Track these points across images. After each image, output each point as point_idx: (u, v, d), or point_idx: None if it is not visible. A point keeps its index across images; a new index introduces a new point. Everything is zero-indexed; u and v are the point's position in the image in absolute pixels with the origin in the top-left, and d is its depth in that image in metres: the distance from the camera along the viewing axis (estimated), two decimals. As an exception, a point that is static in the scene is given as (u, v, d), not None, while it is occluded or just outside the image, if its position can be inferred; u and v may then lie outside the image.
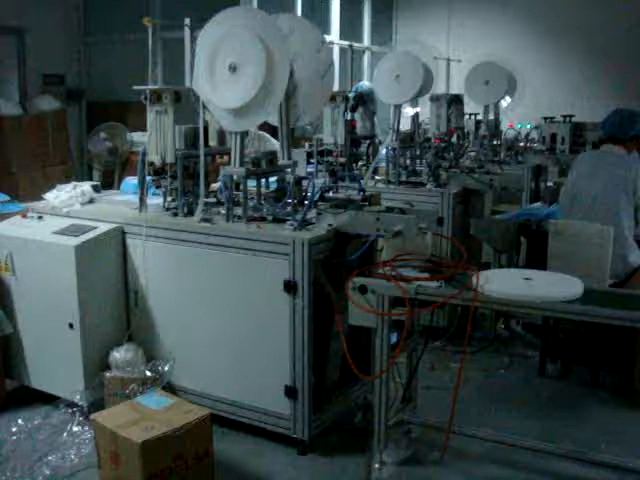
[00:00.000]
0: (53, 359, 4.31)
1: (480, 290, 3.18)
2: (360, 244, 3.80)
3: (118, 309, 4.30)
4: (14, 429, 4.11)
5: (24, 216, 4.57)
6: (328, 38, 7.98)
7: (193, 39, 4.00)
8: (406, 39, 11.12)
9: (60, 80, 9.42)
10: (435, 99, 6.27)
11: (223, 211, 4.01)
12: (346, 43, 7.07)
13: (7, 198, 6.87)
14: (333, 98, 5.02)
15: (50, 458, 3.84)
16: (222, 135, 4.46)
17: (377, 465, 3.53)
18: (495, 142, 7.53)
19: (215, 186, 4.33)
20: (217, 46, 3.85)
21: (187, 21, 4.09)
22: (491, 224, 5.34)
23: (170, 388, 4.04)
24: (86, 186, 4.68)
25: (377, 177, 5.93)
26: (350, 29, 10.62)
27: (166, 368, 4.08)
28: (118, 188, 5.57)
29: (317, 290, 3.70)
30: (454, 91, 6.81)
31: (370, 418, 3.56)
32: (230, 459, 3.82)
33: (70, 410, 4.18)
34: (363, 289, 3.33)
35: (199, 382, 4.10)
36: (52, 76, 9.32)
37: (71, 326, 4.14)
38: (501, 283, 3.28)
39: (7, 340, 4.45)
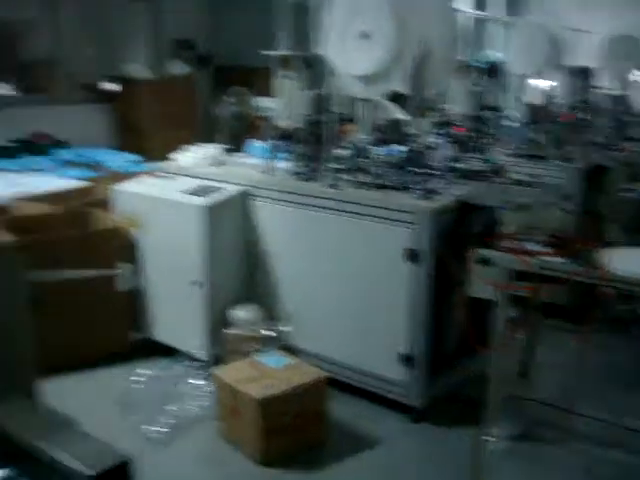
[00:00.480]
0: (177, 314, 4.47)
1: (607, 268, 3.10)
2: (484, 216, 3.75)
3: (241, 269, 4.42)
4: (139, 378, 4.29)
5: (155, 175, 4.73)
6: (458, 6, 7.83)
7: (324, 6, 4.02)
8: (538, 9, 10.79)
9: (190, 45, 9.64)
10: (567, 71, 6.09)
11: (349, 177, 4.04)
12: (476, 12, 6.95)
13: (138, 158, 7.18)
14: (461, 68, 4.95)
15: (171, 407, 4.00)
16: (349, 102, 4.48)
17: (489, 438, 3.51)
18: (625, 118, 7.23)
19: (342, 152, 4.36)
20: (349, 13, 3.86)
21: (320, -13, 4.12)
22: (620, 202, 5.16)
23: (288, 349, 4.13)
24: (215, 148, 4.81)
25: (503, 150, 5.82)
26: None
27: (285, 329, 4.18)
28: (243, 152, 5.68)
29: (438, 260, 3.69)
30: (584, 64, 6.59)
31: (484, 391, 3.54)
32: (344, 421, 3.88)
33: (192, 364, 4.34)
34: (485, 261, 3.30)
35: (316, 344, 4.17)
36: (183, 41, 9.55)
37: (196, 283, 4.27)
38: (629, 262, 3.19)
39: (134, 294, 4.64)
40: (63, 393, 3.80)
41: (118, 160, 7.02)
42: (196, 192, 4.34)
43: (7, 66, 8.67)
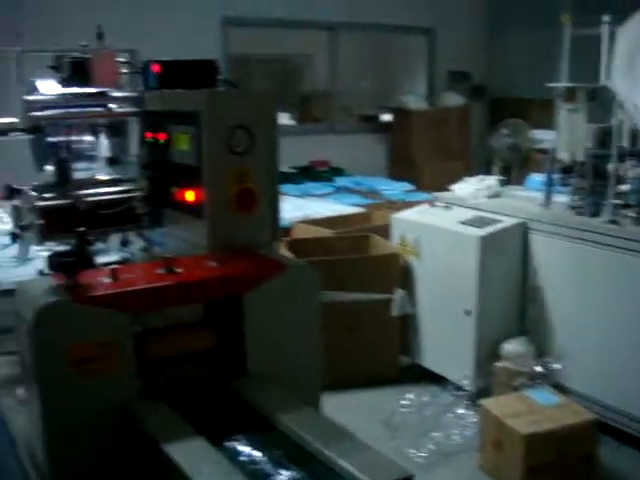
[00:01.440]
0: (446, 342, 4.52)
1: None
2: None
3: (514, 302, 4.37)
4: (405, 402, 4.37)
5: (432, 205, 4.83)
6: None
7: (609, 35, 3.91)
8: None
9: (465, 77, 9.73)
10: None
11: (632, 214, 3.87)
12: None
13: (412, 187, 7.36)
14: None
15: (435, 434, 4.03)
16: (635, 136, 4.29)
17: None
18: None
19: (625, 188, 4.19)
20: (636, 43, 3.72)
21: (606, 18, 4.00)
22: None
23: (557, 387, 4.01)
24: (492, 180, 4.83)
25: None
26: None
27: (556, 367, 4.07)
28: (516, 184, 5.64)
29: None
30: None
31: None
32: (615, 470, 3.70)
33: (457, 393, 4.36)
34: None
35: (588, 386, 4.00)
36: (458, 73, 9.66)
37: (468, 313, 4.29)
38: None
39: (406, 319, 4.76)
40: (335, 410, 3.98)
41: (393, 188, 7.24)
42: (472, 223, 4.37)
43: (289, 98, 9.32)
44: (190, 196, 2.40)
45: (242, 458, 1.77)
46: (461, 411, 4.21)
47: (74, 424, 1.95)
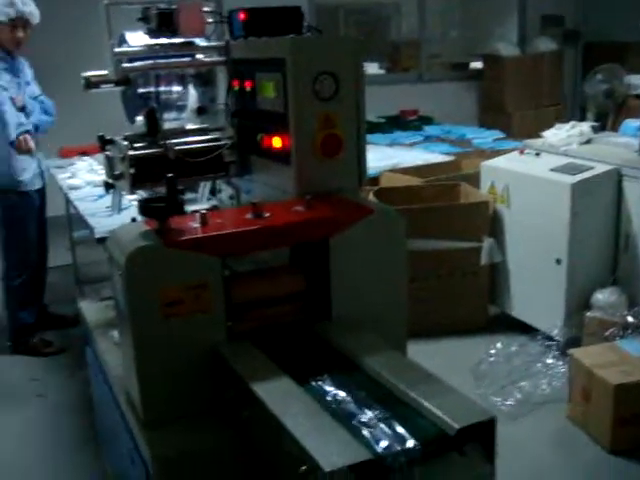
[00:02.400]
0: (535, 292, 4.46)
1: None
2: None
3: (606, 251, 4.28)
4: (492, 351, 4.35)
5: (522, 152, 4.74)
6: None
7: None
8: None
9: (558, 21, 9.42)
10: None
11: None
12: None
13: (502, 135, 7.22)
14: None
15: (522, 384, 4.01)
16: None
17: None
18: None
19: None
20: None
21: None
22: None
23: (650, 337, 3.92)
24: (584, 126, 4.69)
25: None
26: None
27: (651, 316, 3.98)
28: (611, 131, 5.47)
29: None
30: None
31: None
32: None
33: (546, 343, 4.31)
34: None
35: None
36: (550, 17, 9.36)
37: (558, 262, 4.22)
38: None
39: (495, 268, 4.72)
40: (420, 357, 3.99)
41: (483, 137, 7.12)
42: (563, 170, 4.27)
43: (377, 47, 9.22)
44: (277, 143, 2.42)
45: (328, 398, 1.80)
46: (550, 361, 4.17)
47: (166, 365, 2.02)
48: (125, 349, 2.15)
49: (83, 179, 4.44)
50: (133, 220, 2.86)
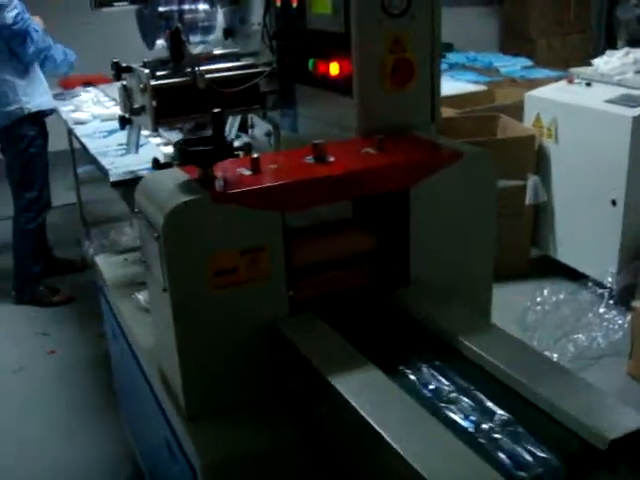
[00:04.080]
0: (585, 235, 4.08)
1: None
2: None
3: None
4: (539, 299, 4.01)
5: (570, 81, 4.30)
6: None
7: None
8: None
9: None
10: None
11: None
12: None
13: (530, 63, 6.75)
14: None
15: (575, 336, 3.68)
16: None
17: None
18: None
19: None
20: None
21: None
22: None
23: None
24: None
25: None
26: None
27: None
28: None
29: None
30: None
31: None
32: None
33: (598, 291, 3.96)
34: None
35: None
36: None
37: (614, 203, 3.83)
38: None
39: (540, 208, 4.33)
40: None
41: (510, 64, 6.65)
42: (621, 101, 3.85)
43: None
44: (334, 69, 1.99)
45: (427, 393, 1.43)
46: (603, 311, 3.83)
47: (214, 347, 1.64)
48: (161, 326, 1.76)
49: (90, 112, 4.00)
50: (155, 162, 2.46)
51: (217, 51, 2.64)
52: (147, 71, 2.29)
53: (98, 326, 3.27)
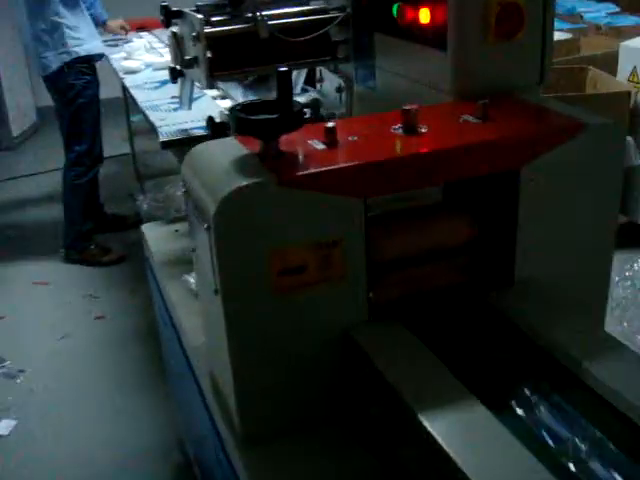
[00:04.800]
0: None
1: None
2: None
3: None
4: (628, 273, 3.66)
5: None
6: None
7: None
8: None
9: None
10: None
11: None
12: None
13: (618, 9, 6.20)
14: None
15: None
16: None
17: None
18: None
19: None
20: None
21: None
22: None
23: None
24: None
25: None
26: None
27: None
28: None
29: None
30: None
31: None
32: None
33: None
34: None
35: None
36: None
37: None
38: None
39: (631, 171, 3.91)
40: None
41: (595, 10, 6.11)
42: None
43: None
44: (425, 16, 1.63)
45: (544, 440, 1.10)
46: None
47: (276, 361, 1.34)
48: (212, 331, 1.47)
49: (142, 60, 3.69)
50: (210, 122, 2.15)
51: (282, -7, 2.29)
52: (200, 16, 1.96)
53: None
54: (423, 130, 1.39)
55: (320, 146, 1.33)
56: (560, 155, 1.40)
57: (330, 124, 1.35)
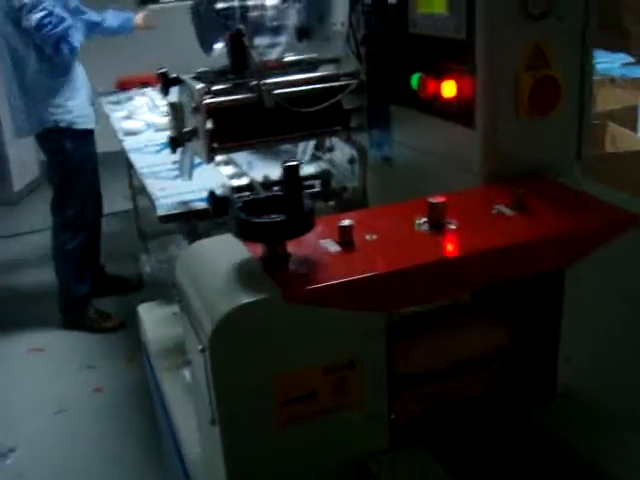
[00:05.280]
0: None
1: None
2: None
3: None
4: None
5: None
6: None
7: None
8: None
9: None
10: None
11: None
12: None
13: (631, 60, 6.06)
14: None
15: None
16: None
17: None
18: None
19: None
20: None
21: None
22: None
23: None
24: None
25: None
26: None
27: None
28: None
29: None
30: None
31: None
32: None
33: None
34: None
35: None
36: None
37: None
38: None
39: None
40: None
41: (608, 61, 5.96)
42: None
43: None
44: (449, 89, 1.46)
45: None
46: None
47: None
48: (210, 461, 1.27)
49: (143, 121, 3.53)
50: (212, 197, 1.98)
51: (289, 57, 2.13)
52: (200, 86, 1.80)
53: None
54: (452, 227, 1.21)
55: (333, 248, 1.15)
56: (608, 252, 1.22)
57: (345, 222, 1.16)
